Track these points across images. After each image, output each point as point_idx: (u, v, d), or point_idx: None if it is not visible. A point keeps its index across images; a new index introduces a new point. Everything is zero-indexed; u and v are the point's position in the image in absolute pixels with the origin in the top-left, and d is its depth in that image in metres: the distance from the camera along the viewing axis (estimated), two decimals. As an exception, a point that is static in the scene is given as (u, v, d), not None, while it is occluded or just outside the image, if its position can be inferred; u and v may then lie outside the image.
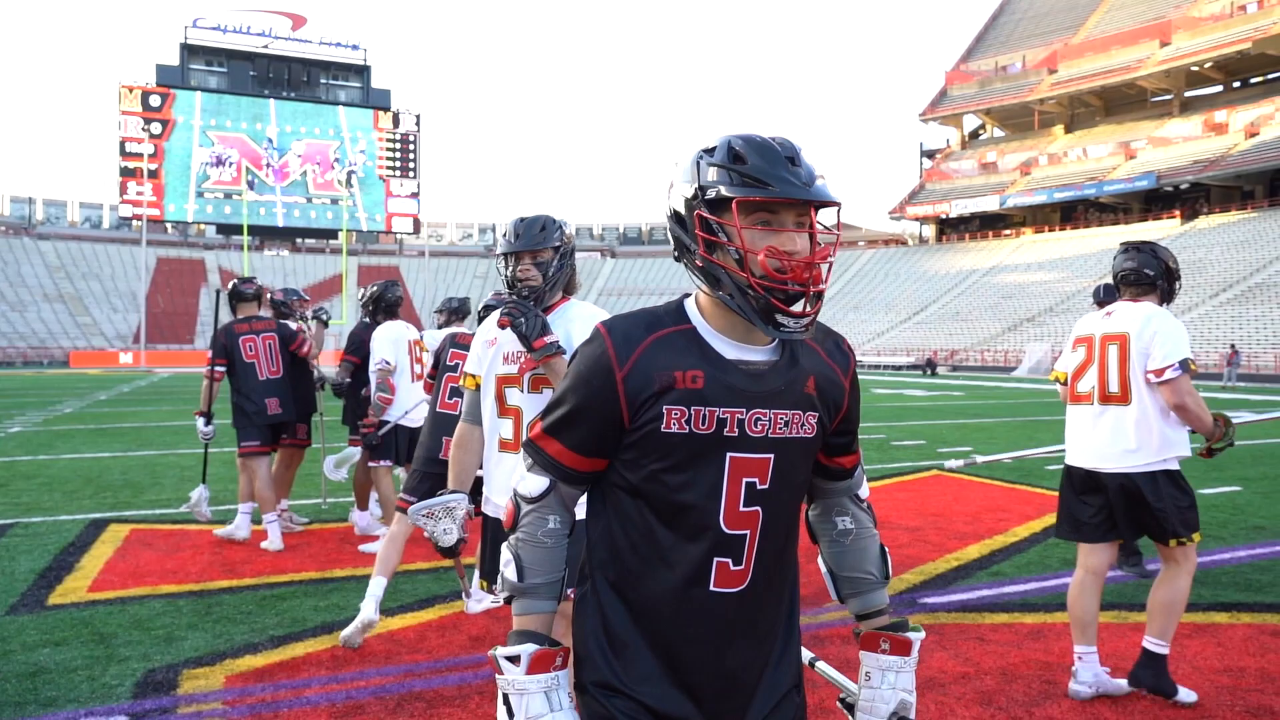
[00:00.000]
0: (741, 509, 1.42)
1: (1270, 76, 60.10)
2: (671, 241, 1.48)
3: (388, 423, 5.84)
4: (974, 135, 78.92)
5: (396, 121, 74.07)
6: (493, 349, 2.87)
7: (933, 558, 5.76)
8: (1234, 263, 47.08)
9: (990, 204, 67.53)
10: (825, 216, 1.39)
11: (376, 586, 4.16)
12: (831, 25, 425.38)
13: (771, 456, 1.42)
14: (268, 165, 70.56)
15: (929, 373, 42.57)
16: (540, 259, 2.79)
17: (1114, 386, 3.55)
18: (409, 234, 76.55)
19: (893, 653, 1.54)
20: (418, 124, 74.74)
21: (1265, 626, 4.36)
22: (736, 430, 1.39)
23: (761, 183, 1.32)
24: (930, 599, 4.85)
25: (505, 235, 2.85)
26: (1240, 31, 58.31)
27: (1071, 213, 65.30)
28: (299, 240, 74.29)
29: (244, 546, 6.06)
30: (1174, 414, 3.46)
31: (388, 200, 73.42)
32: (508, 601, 1.50)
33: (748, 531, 1.43)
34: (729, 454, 1.39)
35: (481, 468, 2.99)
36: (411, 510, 3.13)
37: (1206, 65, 60.64)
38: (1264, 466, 9.82)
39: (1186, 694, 3.43)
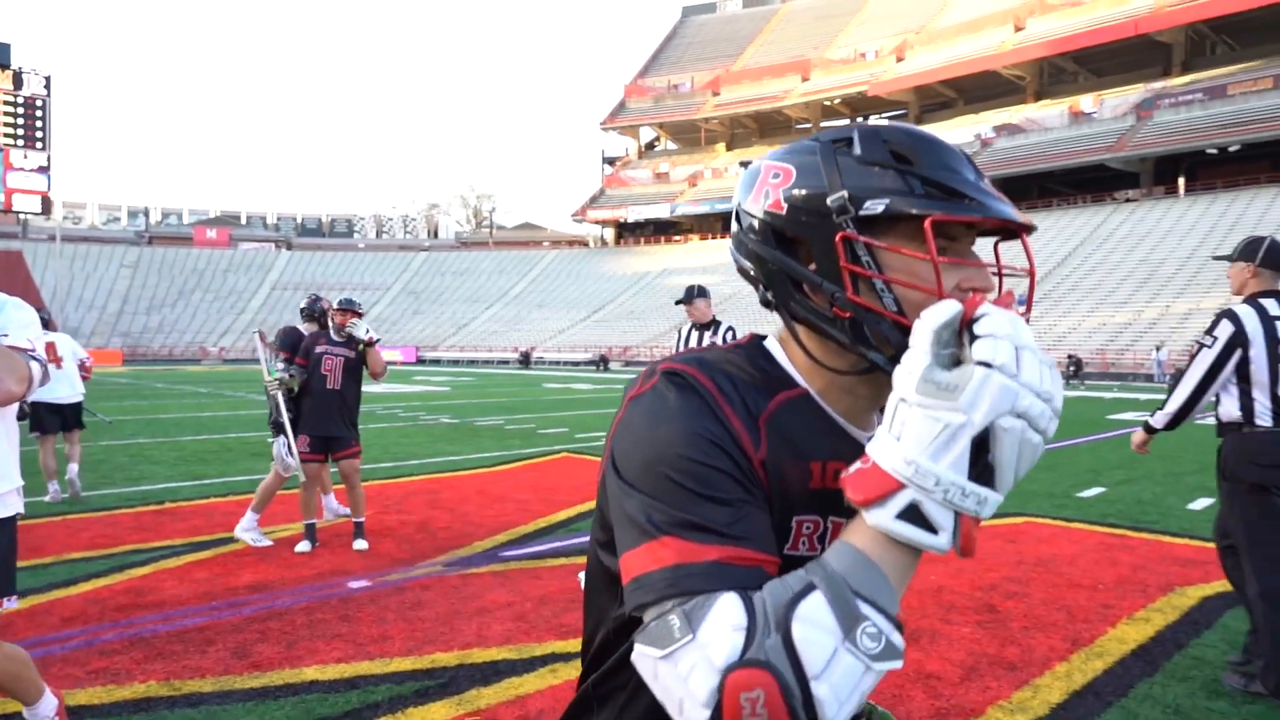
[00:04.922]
0: None
1: (885, 116, 71.66)
2: (761, 276, 0.98)
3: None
4: (650, 146, 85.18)
5: (19, 82, 63.75)
6: None
7: (524, 521, 6.93)
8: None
9: (663, 211, 73.51)
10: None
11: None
12: (523, 25, 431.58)
13: None
14: None
15: (602, 368, 45.60)
16: None
17: None
18: (36, 214, 66.38)
19: None
20: (48, 87, 64.85)
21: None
22: None
23: (960, 194, 0.89)
24: (508, 553, 5.96)
25: None
26: (861, 75, 69.08)
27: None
28: (-117, 215, 61.49)
29: None
30: None
31: (7, 174, 62.88)
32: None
33: None
34: None
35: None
36: None
37: (837, 101, 70.94)
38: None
39: None
